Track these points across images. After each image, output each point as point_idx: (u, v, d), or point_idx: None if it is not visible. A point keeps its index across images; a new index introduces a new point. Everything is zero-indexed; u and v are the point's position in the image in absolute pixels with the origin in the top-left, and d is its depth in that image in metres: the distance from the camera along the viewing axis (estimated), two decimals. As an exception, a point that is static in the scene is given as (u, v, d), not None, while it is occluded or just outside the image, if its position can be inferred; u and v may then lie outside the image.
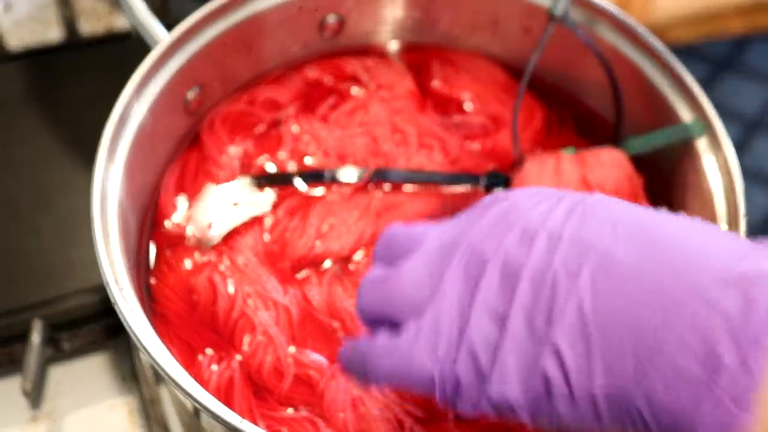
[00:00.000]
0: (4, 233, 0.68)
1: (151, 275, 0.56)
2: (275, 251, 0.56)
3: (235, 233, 0.57)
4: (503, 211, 0.41)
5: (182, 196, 0.59)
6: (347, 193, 0.59)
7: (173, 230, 0.57)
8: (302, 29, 0.64)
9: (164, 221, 0.58)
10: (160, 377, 0.64)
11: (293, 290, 0.55)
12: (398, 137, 0.62)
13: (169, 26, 0.58)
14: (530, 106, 0.65)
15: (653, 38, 0.60)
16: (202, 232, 0.57)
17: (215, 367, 0.52)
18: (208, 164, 0.60)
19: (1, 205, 0.70)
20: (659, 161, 0.60)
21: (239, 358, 0.52)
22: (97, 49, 0.81)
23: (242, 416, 0.44)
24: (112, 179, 0.52)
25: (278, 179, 0.60)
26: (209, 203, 0.59)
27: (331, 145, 0.61)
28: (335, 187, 0.59)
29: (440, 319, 0.40)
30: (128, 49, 0.79)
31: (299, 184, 0.59)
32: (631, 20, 0.61)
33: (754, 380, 0.32)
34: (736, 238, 0.38)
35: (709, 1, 1.70)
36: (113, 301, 0.47)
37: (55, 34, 0.85)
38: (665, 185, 0.61)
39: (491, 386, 0.39)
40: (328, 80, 0.65)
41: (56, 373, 0.68)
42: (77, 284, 0.66)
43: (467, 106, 0.65)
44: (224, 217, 0.58)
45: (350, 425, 0.50)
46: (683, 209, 0.59)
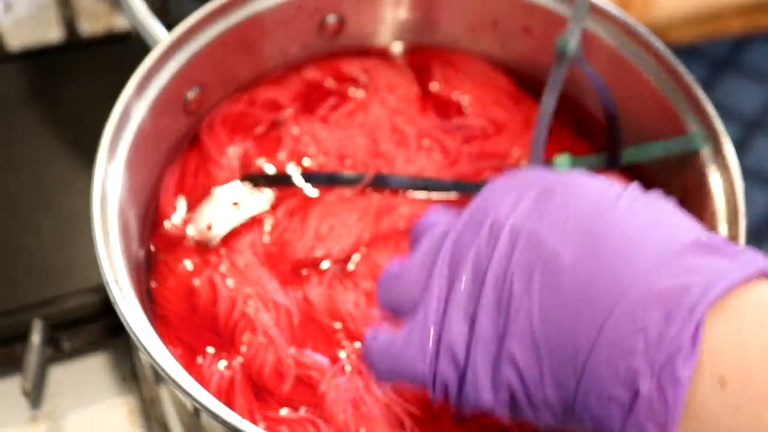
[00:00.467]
0: (4, 233, 0.68)
1: (151, 276, 0.56)
2: (275, 252, 0.56)
3: (234, 234, 0.57)
4: (478, 206, 0.41)
5: (182, 196, 0.59)
6: (346, 194, 0.59)
7: (173, 231, 0.57)
8: (302, 29, 0.64)
9: (164, 222, 0.58)
10: (160, 377, 0.64)
11: (293, 291, 0.55)
12: (398, 138, 0.62)
13: (169, 26, 0.58)
14: (529, 107, 0.65)
15: (654, 38, 0.60)
16: (202, 232, 0.57)
17: (216, 368, 0.52)
18: (208, 164, 0.60)
19: (1, 205, 0.70)
20: (659, 160, 0.60)
21: (240, 359, 0.52)
22: (97, 49, 0.81)
23: (243, 417, 0.44)
24: (112, 179, 0.52)
25: (278, 180, 0.60)
26: (209, 204, 0.59)
27: (330, 145, 0.61)
28: (335, 188, 0.59)
29: (427, 318, 0.40)
30: (128, 49, 0.79)
31: (299, 183, 0.59)
32: (631, 20, 0.61)
33: (669, 409, 0.32)
34: (687, 231, 0.37)
35: (709, 1, 1.69)
36: (113, 301, 0.47)
37: (55, 34, 0.85)
38: (665, 185, 0.61)
39: (467, 388, 0.39)
40: (328, 81, 0.65)
41: (56, 373, 0.68)
42: (77, 284, 0.66)
43: (467, 108, 0.65)
44: (224, 217, 0.58)
45: (351, 425, 0.50)
46: (683, 209, 0.59)
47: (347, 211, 0.58)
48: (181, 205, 0.58)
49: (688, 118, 0.59)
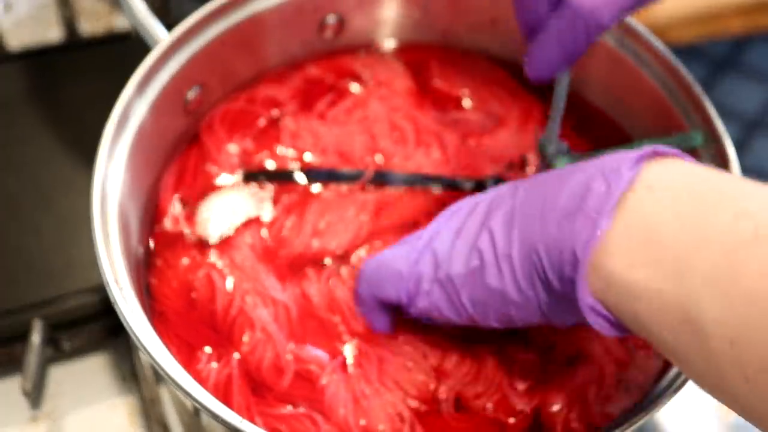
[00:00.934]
0: (4, 233, 0.68)
1: (150, 273, 0.56)
2: (273, 249, 0.56)
3: (233, 231, 0.57)
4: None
5: (181, 194, 0.59)
6: (344, 190, 0.59)
7: (172, 229, 0.57)
8: (302, 29, 0.64)
9: (163, 219, 0.58)
10: (160, 377, 0.64)
11: (291, 287, 0.55)
12: (396, 135, 0.62)
13: (169, 26, 0.58)
14: (528, 102, 0.65)
15: (654, 38, 0.60)
16: (201, 230, 0.57)
17: (214, 364, 0.52)
18: (207, 162, 0.60)
19: (1, 204, 0.70)
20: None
21: (238, 355, 0.52)
22: (97, 49, 0.81)
23: (239, 413, 0.44)
24: (112, 179, 0.52)
25: (277, 176, 0.60)
26: (209, 201, 0.59)
27: (329, 141, 0.61)
28: (333, 185, 0.59)
29: (415, 245, 0.50)
30: (128, 49, 0.79)
31: (299, 179, 0.59)
32: (631, 20, 0.61)
33: (613, 196, 0.40)
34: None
35: (709, 1, 1.69)
36: (113, 301, 0.47)
37: (55, 34, 0.85)
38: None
39: (441, 270, 0.47)
40: (327, 79, 0.65)
41: (56, 373, 0.68)
42: (77, 284, 0.66)
43: (466, 103, 0.65)
44: (223, 215, 0.58)
45: (351, 420, 0.50)
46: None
47: (345, 206, 0.58)
48: (180, 203, 0.58)
49: (688, 118, 0.59)
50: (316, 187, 0.59)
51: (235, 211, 0.58)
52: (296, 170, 0.60)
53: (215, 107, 0.63)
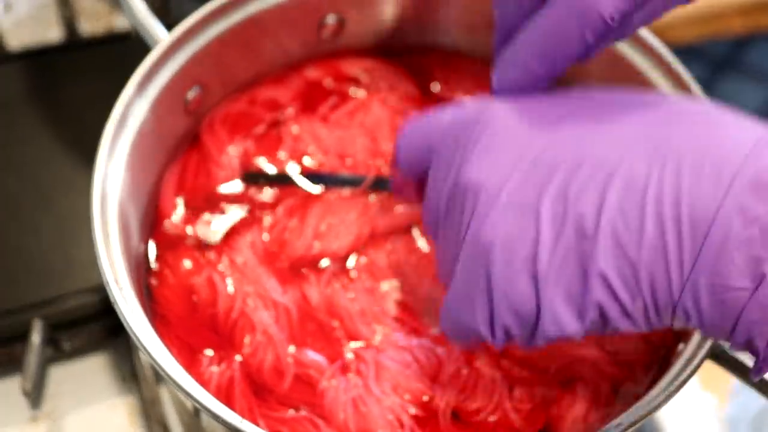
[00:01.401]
0: (4, 233, 0.68)
1: (151, 276, 0.56)
2: (274, 251, 0.56)
3: (234, 233, 0.57)
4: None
5: (182, 196, 0.59)
6: (346, 193, 0.59)
7: (173, 230, 0.57)
8: (302, 29, 0.64)
9: (164, 221, 0.58)
10: (160, 377, 0.64)
11: (292, 290, 0.55)
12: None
13: (169, 26, 0.58)
14: None
15: (654, 38, 0.60)
16: (201, 231, 0.57)
17: (215, 367, 0.52)
18: (208, 164, 0.60)
19: (1, 204, 0.70)
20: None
21: (239, 358, 0.52)
22: (97, 49, 0.81)
23: (243, 416, 0.44)
24: (112, 179, 0.52)
25: (278, 179, 0.60)
26: (209, 202, 0.59)
27: (330, 145, 0.61)
28: (334, 188, 0.59)
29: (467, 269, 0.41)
30: (128, 49, 0.79)
31: (299, 182, 0.59)
32: (631, 20, 0.60)
33: None
34: (752, 124, 0.38)
35: (710, 0, 1.69)
36: (113, 301, 0.47)
37: (55, 34, 0.85)
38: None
39: (546, 326, 0.39)
40: (328, 81, 0.65)
41: (56, 373, 0.68)
42: (77, 284, 0.66)
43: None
44: (223, 216, 0.58)
45: (351, 424, 0.50)
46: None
47: (346, 209, 0.58)
48: (181, 204, 0.58)
49: (688, 118, 0.59)
50: (317, 189, 0.59)
51: (235, 212, 0.58)
52: (296, 174, 0.60)
53: (216, 108, 0.63)
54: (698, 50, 1.83)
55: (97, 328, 0.67)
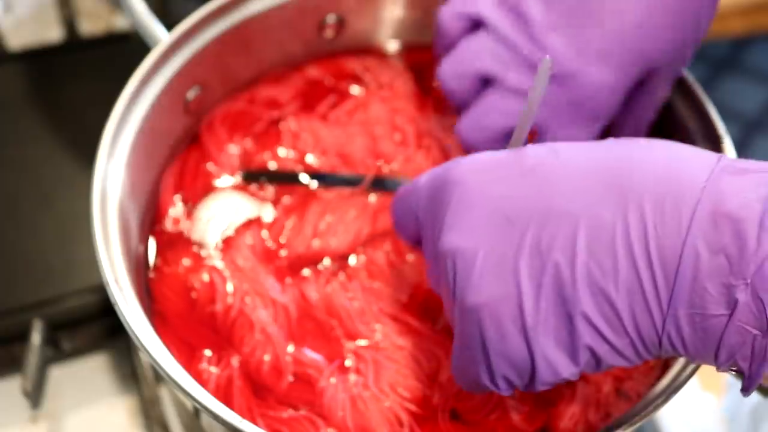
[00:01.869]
0: (4, 233, 0.68)
1: (150, 274, 0.56)
2: (273, 250, 0.56)
3: (233, 231, 0.57)
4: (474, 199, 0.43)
5: (182, 194, 0.59)
6: (345, 192, 0.59)
7: (172, 229, 0.57)
8: (302, 29, 0.64)
9: (164, 220, 0.58)
10: (160, 377, 0.64)
11: (291, 289, 0.55)
12: (398, 137, 0.62)
13: (169, 26, 0.58)
14: None
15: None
16: (201, 231, 0.57)
17: (214, 366, 0.52)
18: (207, 163, 0.60)
19: (1, 204, 0.70)
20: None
21: (238, 357, 0.52)
22: (97, 49, 0.81)
23: (241, 415, 0.44)
24: (112, 179, 0.52)
25: (277, 177, 0.60)
26: (209, 202, 0.59)
27: (330, 143, 0.61)
28: (334, 187, 0.59)
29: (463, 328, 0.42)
30: (128, 49, 0.80)
31: (299, 180, 0.59)
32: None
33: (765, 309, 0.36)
34: (705, 156, 0.39)
35: (709, 1, 1.69)
36: (113, 301, 0.47)
37: (55, 34, 0.85)
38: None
39: (542, 374, 0.40)
40: (328, 80, 0.65)
41: (56, 373, 0.68)
42: (77, 284, 0.66)
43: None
44: (223, 216, 0.58)
45: (350, 423, 0.50)
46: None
47: (345, 208, 0.58)
48: (180, 203, 0.58)
49: (688, 118, 0.59)
50: (316, 187, 0.59)
51: (235, 211, 0.58)
52: (296, 172, 0.60)
53: (216, 107, 0.63)
54: (698, 50, 1.83)
55: (97, 328, 0.67)
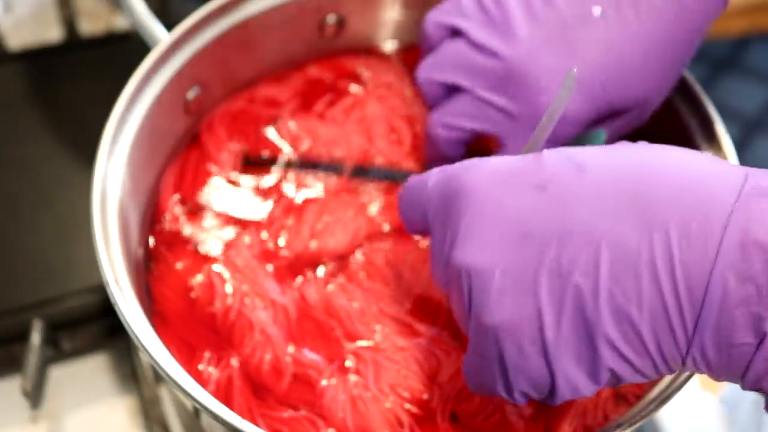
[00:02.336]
0: (4, 233, 0.68)
1: (150, 275, 0.56)
2: (272, 250, 0.56)
3: (232, 232, 0.57)
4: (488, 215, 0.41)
5: (181, 194, 0.59)
6: (343, 192, 0.59)
7: (173, 229, 0.57)
8: (302, 29, 0.64)
9: (164, 220, 0.58)
10: (160, 377, 0.64)
11: (290, 289, 0.55)
12: (393, 136, 0.62)
13: (169, 26, 0.58)
14: None
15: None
16: (200, 231, 0.57)
17: (214, 366, 0.52)
18: (207, 162, 0.60)
19: (1, 204, 0.70)
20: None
21: (238, 357, 0.52)
22: (97, 49, 0.81)
23: (241, 416, 0.44)
24: (112, 179, 0.52)
25: (276, 163, 0.60)
26: (208, 201, 0.59)
27: (326, 141, 0.61)
28: (331, 184, 0.59)
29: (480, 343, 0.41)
30: (128, 49, 0.80)
31: (298, 166, 0.59)
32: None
33: None
34: (732, 173, 0.38)
35: (709, 1, 1.69)
36: (113, 301, 0.47)
37: (55, 34, 0.85)
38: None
39: (562, 392, 0.40)
40: (328, 79, 0.65)
41: (56, 373, 0.68)
42: (77, 284, 0.66)
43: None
44: (223, 215, 0.58)
45: (350, 424, 0.50)
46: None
47: (343, 208, 0.58)
48: (180, 202, 0.58)
49: (688, 118, 0.59)
50: (314, 190, 0.59)
51: (234, 211, 0.58)
52: (295, 159, 0.60)
53: (216, 107, 0.63)
54: (698, 50, 1.83)
55: (97, 328, 0.67)
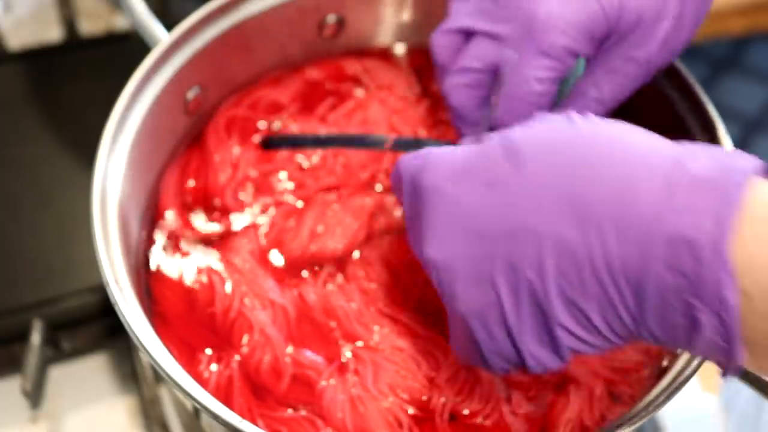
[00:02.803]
0: (4, 233, 0.68)
1: (150, 275, 0.56)
2: (272, 251, 0.56)
3: (232, 234, 0.57)
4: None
5: (183, 195, 0.59)
6: (343, 194, 0.59)
7: (173, 229, 0.57)
8: (302, 29, 0.64)
9: (164, 220, 0.58)
10: (160, 377, 0.65)
11: (290, 290, 0.55)
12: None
13: (169, 26, 0.58)
14: None
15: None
16: (200, 232, 0.57)
17: (214, 366, 0.52)
18: (209, 164, 0.60)
19: (1, 204, 0.70)
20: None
21: (237, 357, 0.52)
22: (97, 49, 0.81)
23: (241, 416, 0.44)
24: (112, 179, 0.52)
25: (296, 142, 0.60)
26: (209, 202, 0.59)
27: None
28: (335, 184, 0.59)
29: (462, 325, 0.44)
30: (128, 49, 0.80)
31: (319, 143, 0.59)
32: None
33: (729, 329, 0.37)
34: (664, 154, 0.39)
35: (709, 1, 1.69)
36: (113, 301, 0.47)
37: (55, 34, 0.85)
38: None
39: (532, 367, 0.43)
40: (328, 81, 0.65)
41: (56, 373, 0.68)
42: (77, 284, 0.66)
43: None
44: (223, 215, 0.58)
45: (349, 424, 0.50)
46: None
47: (343, 210, 0.58)
48: (181, 203, 0.58)
49: (688, 118, 0.59)
50: (312, 192, 0.59)
51: (234, 212, 0.58)
52: (314, 136, 0.60)
53: (220, 108, 0.63)
54: (698, 50, 1.83)
55: (97, 328, 0.67)
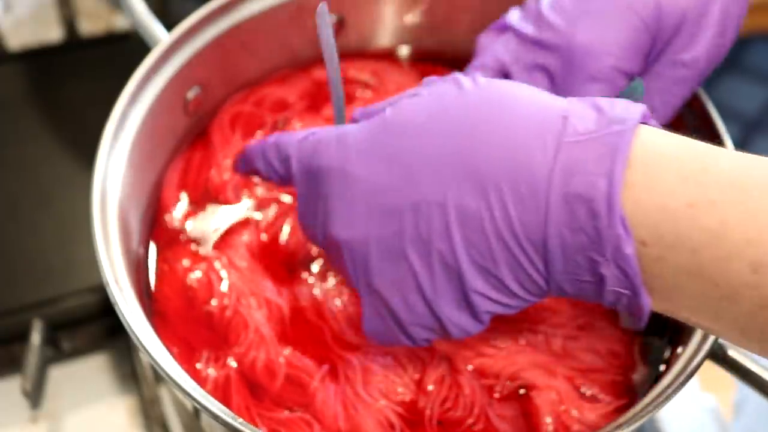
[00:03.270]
0: (4, 233, 0.68)
1: (150, 274, 0.56)
2: (269, 251, 0.56)
3: (231, 231, 0.57)
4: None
5: (184, 192, 0.59)
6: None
7: (173, 227, 0.57)
8: (302, 29, 0.64)
9: (164, 218, 0.58)
10: (160, 377, 0.65)
11: (286, 289, 0.55)
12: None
13: (169, 26, 0.58)
14: None
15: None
16: (200, 229, 0.57)
17: (212, 365, 0.52)
18: (212, 162, 0.60)
19: (1, 204, 0.70)
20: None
21: (234, 356, 0.52)
22: (97, 49, 0.81)
23: (240, 415, 0.44)
24: (112, 179, 0.52)
25: None
26: (209, 201, 0.59)
27: None
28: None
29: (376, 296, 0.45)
30: (128, 49, 0.80)
31: None
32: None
33: (631, 278, 0.39)
34: (551, 111, 0.40)
35: (709, 1, 1.69)
36: (113, 301, 0.47)
37: (55, 34, 0.85)
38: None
39: (453, 334, 0.44)
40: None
41: (56, 373, 0.68)
42: (77, 284, 0.66)
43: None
44: (223, 215, 0.58)
45: (343, 426, 0.50)
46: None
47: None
48: (182, 200, 0.58)
49: (688, 117, 0.59)
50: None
51: (235, 211, 0.58)
52: None
53: (224, 107, 0.63)
54: (698, 50, 1.83)
55: (97, 328, 0.67)
